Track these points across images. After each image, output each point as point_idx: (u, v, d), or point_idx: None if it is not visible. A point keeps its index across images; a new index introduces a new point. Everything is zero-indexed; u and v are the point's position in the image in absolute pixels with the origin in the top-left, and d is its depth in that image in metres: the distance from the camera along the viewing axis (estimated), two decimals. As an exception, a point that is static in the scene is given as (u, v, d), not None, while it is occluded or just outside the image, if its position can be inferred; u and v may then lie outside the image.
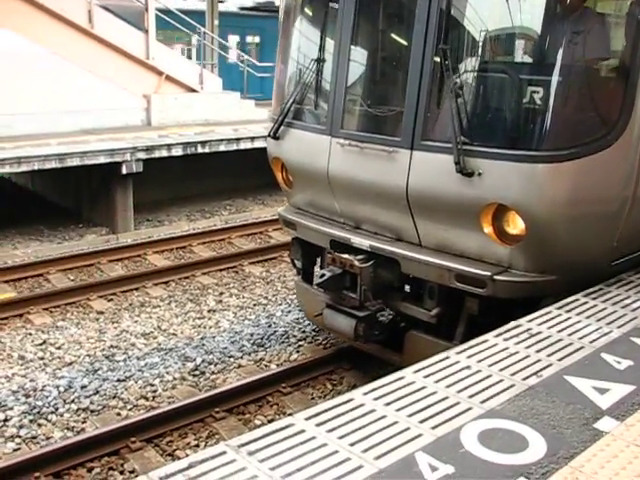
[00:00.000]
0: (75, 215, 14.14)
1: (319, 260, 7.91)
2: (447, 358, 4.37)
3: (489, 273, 5.65)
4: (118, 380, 7.46)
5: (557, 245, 5.52)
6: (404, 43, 6.21)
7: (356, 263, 6.44)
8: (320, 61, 6.77)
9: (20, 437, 6.42)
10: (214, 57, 20.75)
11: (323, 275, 6.66)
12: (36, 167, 12.35)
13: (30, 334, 8.67)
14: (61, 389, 7.22)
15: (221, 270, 11.28)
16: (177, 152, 14.06)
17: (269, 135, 7.27)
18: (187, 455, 6.05)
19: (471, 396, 3.90)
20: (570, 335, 4.73)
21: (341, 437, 3.45)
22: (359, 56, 6.67)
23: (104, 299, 9.89)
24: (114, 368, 7.74)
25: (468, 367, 4.25)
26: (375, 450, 3.35)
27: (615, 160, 5.47)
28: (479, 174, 5.42)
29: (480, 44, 5.87)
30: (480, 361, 4.33)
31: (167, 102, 16.47)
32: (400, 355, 6.73)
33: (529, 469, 3.22)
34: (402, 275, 6.43)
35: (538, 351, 4.48)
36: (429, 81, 5.78)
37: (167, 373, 7.66)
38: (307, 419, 3.62)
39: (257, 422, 6.74)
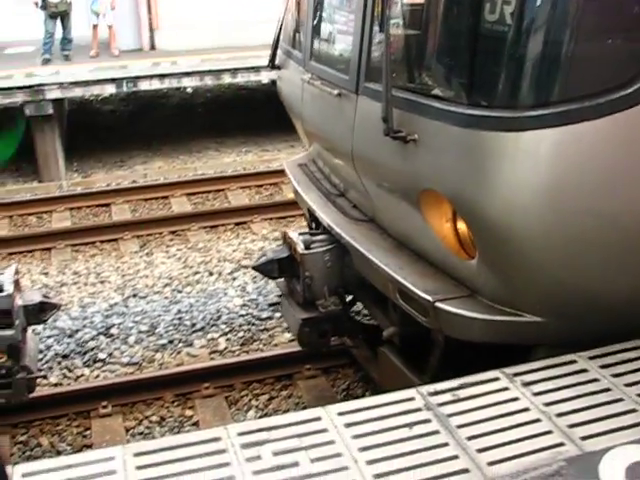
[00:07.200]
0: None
1: None
2: None
3: (429, 297, 3.60)
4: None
5: (537, 269, 3.26)
6: None
7: (298, 248, 4.70)
8: None
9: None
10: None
11: (264, 255, 5.21)
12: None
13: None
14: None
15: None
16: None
17: (267, 65, 5.84)
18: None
19: None
20: None
21: (628, 385, 3.13)
22: None
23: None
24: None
25: None
26: (668, 407, 2.99)
27: None
28: (414, 141, 3.48)
29: None
30: None
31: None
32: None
33: None
34: None
35: None
36: None
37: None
38: (591, 358, 3.33)
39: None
